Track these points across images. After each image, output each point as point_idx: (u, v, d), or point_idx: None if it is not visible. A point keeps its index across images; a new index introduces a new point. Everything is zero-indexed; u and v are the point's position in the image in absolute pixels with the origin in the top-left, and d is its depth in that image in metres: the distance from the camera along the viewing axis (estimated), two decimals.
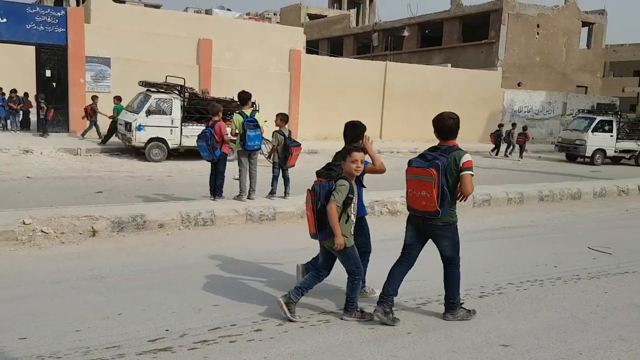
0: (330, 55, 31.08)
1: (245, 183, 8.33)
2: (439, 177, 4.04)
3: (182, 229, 6.95)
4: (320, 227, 4.12)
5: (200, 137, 8.18)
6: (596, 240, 7.40)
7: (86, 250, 5.92)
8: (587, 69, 32.52)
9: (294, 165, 8.63)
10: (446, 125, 4.33)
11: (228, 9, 47.07)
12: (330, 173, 4.27)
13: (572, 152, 20.07)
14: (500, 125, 21.94)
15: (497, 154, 20.95)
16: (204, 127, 9.61)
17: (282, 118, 8.51)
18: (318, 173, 4.37)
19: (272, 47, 20.97)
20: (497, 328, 4.23)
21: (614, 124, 19.62)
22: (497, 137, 21.20)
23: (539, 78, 30.29)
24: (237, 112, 8.58)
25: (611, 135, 19.53)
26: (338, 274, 5.37)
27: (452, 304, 4.39)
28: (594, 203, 10.74)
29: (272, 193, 8.59)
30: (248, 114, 8.27)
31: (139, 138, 13.42)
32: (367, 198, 8.66)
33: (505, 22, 28.52)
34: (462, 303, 4.49)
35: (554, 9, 30.30)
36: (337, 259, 4.32)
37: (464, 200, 4.30)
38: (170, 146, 13.76)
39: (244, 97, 8.55)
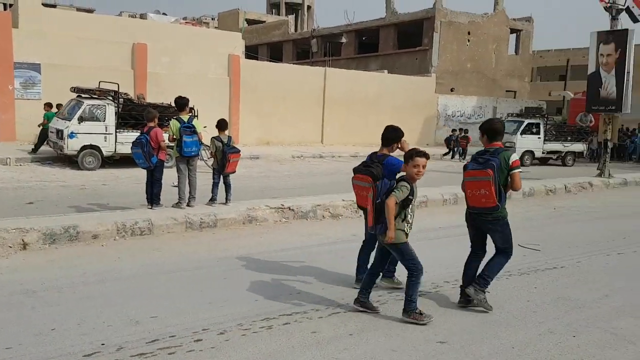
0: (270, 61, 31.04)
1: (184, 190, 8.17)
2: (495, 176, 4.49)
3: (118, 239, 6.73)
4: (377, 221, 4.33)
5: (135, 144, 7.96)
6: (526, 238, 7.75)
7: (17, 264, 5.63)
8: (516, 74, 34.13)
9: (234, 172, 8.56)
10: (494, 129, 4.79)
11: (164, 14, 46.11)
12: (369, 169, 4.73)
13: None
14: (454, 131, 22.70)
15: (452, 157, 21.65)
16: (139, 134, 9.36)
17: (220, 124, 8.45)
18: (356, 170, 4.92)
19: (210, 52, 20.73)
20: (434, 325, 4.36)
21: (541, 126, 20.68)
22: (449, 142, 21.99)
23: (471, 83, 31.52)
24: (174, 117, 8.43)
25: (539, 137, 20.58)
26: (286, 279, 5.38)
27: (484, 280, 4.77)
28: (524, 202, 11.27)
29: (212, 200, 8.47)
30: (185, 120, 8.14)
31: (72, 146, 12.93)
32: (308, 202, 8.77)
33: (437, 30, 29.51)
34: (488, 292, 4.86)
35: (483, 17, 31.63)
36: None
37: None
38: (105, 154, 13.31)
39: (181, 103, 8.39)
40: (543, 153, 20.85)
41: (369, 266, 4.89)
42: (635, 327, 4.49)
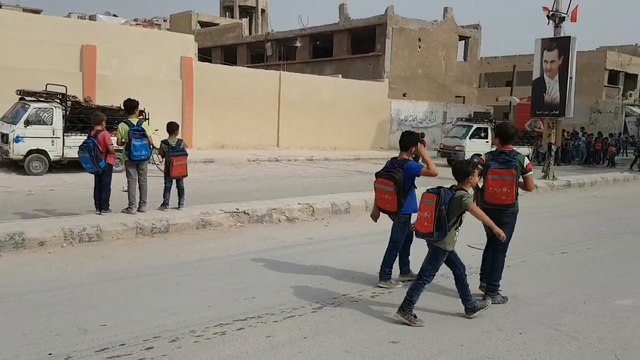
0: (224, 64, 30.77)
1: (134, 195, 7.98)
2: (517, 175, 4.97)
3: (65, 246, 6.51)
4: (438, 227, 4.44)
5: (82, 147, 7.73)
6: (475, 238, 7.95)
7: None
8: (465, 80, 35.11)
9: (184, 175, 8.44)
10: (509, 133, 5.21)
11: (114, 15, 44.88)
12: (391, 174, 5.25)
13: (452, 158, 21.48)
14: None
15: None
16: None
17: (169, 127, 8.35)
18: (378, 174, 5.42)
19: (162, 54, 20.35)
20: (387, 326, 4.43)
21: (489, 131, 21.32)
22: None
23: (422, 89, 32.22)
24: (123, 120, 8.24)
25: (486, 141, 21.19)
26: (240, 284, 5.34)
27: (494, 286, 5.14)
28: None
29: (164, 205, 8.33)
30: (134, 123, 7.97)
31: (17, 150, 12.48)
32: (263, 206, 8.74)
33: (389, 36, 30.05)
34: (500, 290, 5.16)
35: (433, 24, 32.41)
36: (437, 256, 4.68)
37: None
38: (52, 158, 12.88)
39: (130, 105, 8.22)
40: None
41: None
42: (578, 323, 4.69)
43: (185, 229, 7.65)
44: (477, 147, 20.93)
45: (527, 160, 5.10)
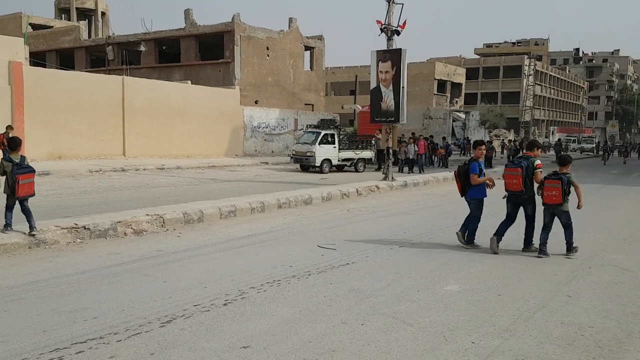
0: (60, 69, 28.34)
1: None
2: (523, 172, 7.48)
3: None
4: (564, 199, 7.40)
5: None
6: (324, 239, 8.38)
7: None
8: (312, 88, 36.51)
9: (32, 194, 7.53)
10: (533, 144, 8.01)
11: None
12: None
13: (304, 163, 22.25)
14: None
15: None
16: None
17: (11, 143, 7.49)
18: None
19: None
20: (239, 332, 4.47)
21: (336, 136, 22.44)
22: None
23: (273, 96, 32.85)
24: None
25: (334, 147, 22.28)
26: (80, 305, 4.97)
27: (529, 242, 7.74)
28: (323, 206, 12.13)
29: (6, 226, 7.37)
30: None
31: None
32: (107, 219, 8.25)
33: (238, 44, 30.18)
34: (537, 248, 7.55)
35: (280, 33, 33.24)
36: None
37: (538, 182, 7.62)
38: None
39: None
40: (339, 161, 22.62)
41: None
42: (412, 310, 5.15)
43: (15, 249, 6.94)
44: (326, 152, 21.89)
45: (537, 161, 7.57)
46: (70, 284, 5.72)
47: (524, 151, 8.11)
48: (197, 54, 32.37)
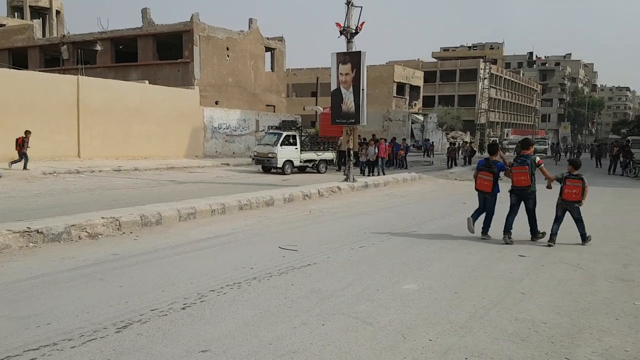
0: (13, 68, 27.32)
1: None
2: (530, 168, 8.32)
3: None
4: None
5: None
6: (286, 240, 8.37)
7: None
8: (273, 89, 36.41)
9: None
10: (528, 143, 8.88)
11: None
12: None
13: (266, 164, 22.17)
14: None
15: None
16: None
17: None
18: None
19: None
20: (197, 336, 4.41)
21: (298, 138, 22.45)
22: None
23: (234, 97, 32.59)
24: None
25: (296, 148, 22.28)
26: (31, 311, 4.80)
27: (536, 231, 8.60)
28: (284, 207, 12.11)
29: None
30: None
31: None
32: (61, 223, 7.99)
33: (197, 43, 29.81)
34: (544, 233, 8.56)
35: (240, 34, 33.01)
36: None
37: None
38: None
39: None
40: (301, 162, 22.64)
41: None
42: (372, 309, 5.21)
43: None
44: (288, 153, 21.87)
45: (538, 159, 8.47)
46: (23, 289, 5.52)
47: (521, 150, 8.94)
48: (155, 53, 31.79)
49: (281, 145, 21.61)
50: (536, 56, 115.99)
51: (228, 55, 31.94)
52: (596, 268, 7.05)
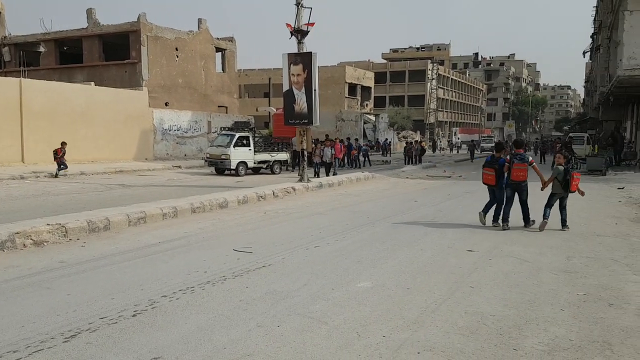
0: None
1: None
2: (527, 166, 9.40)
3: None
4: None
5: None
6: (241, 242, 8.30)
7: None
8: (225, 90, 36.02)
9: None
10: (521, 142, 10.40)
11: None
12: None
13: (219, 166, 21.93)
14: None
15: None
16: None
17: None
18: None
19: None
20: (149, 343, 4.32)
21: (251, 139, 22.31)
22: None
23: (184, 98, 32.05)
24: None
25: (249, 149, 22.14)
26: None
27: (528, 219, 9.66)
28: (239, 209, 12.01)
29: None
30: None
31: None
32: (3, 230, 7.65)
33: (145, 44, 29.16)
34: (534, 221, 9.60)
35: (189, 34, 32.50)
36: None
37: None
38: None
39: None
40: (255, 163, 22.51)
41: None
42: (327, 308, 5.23)
43: None
44: (241, 154, 21.70)
45: (531, 157, 9.70)
46: None
47: (515, 149, 10.09)
48: (101, 54, 30.89)
49: (234, 146, 21.43)
50: (481, 57, 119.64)
51: (177, 56, 31.39)
52: (542, 261, 7.33)
